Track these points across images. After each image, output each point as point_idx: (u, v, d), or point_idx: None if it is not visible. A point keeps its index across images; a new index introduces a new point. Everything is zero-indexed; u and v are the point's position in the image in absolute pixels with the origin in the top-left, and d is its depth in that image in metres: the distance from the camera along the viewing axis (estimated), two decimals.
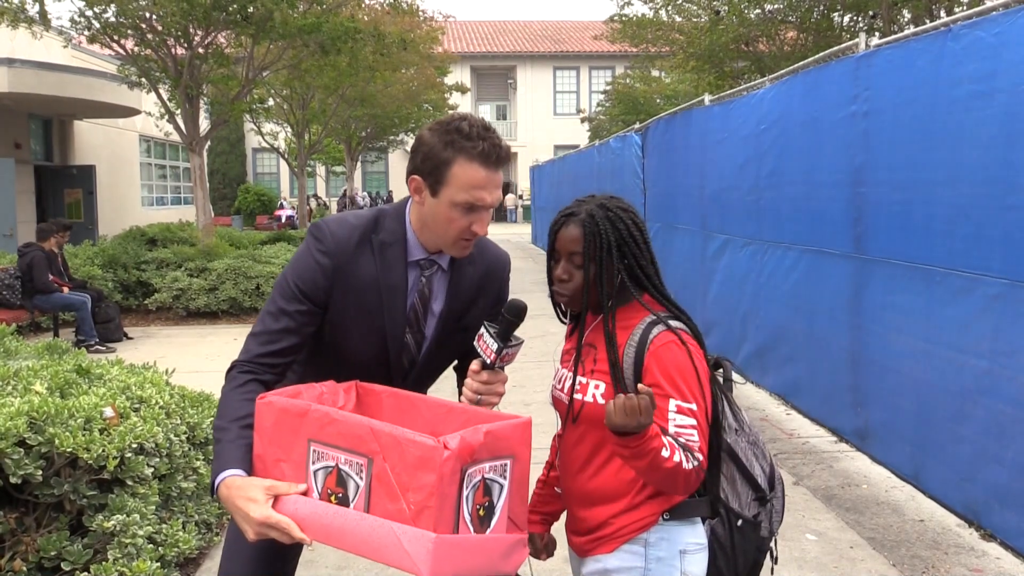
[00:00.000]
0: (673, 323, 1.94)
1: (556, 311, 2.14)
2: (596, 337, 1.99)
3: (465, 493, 1.67)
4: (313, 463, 1.75)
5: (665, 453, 1.74)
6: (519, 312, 1.96)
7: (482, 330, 1.98)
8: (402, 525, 1.61)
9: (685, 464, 1.77)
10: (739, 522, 1.95)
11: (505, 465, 1.78)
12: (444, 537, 1.61)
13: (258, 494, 1.72)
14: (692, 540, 1.92)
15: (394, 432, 1.65)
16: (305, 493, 1.74)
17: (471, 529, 1.70)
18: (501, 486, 1.78)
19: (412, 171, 2.01)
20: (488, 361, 1.96)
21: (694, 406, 1.84)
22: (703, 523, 1.96)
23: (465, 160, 1.93)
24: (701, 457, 1.81)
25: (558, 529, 2.23)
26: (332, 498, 1.71)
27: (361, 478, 1.68)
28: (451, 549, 1.62)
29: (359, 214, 2.12)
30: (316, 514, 1.70)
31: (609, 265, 1.95)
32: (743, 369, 7.46)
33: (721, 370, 2.07)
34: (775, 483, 2.03)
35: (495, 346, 1.95)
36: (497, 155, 1.95)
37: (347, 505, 1.69)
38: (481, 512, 1.73)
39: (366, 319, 2.07)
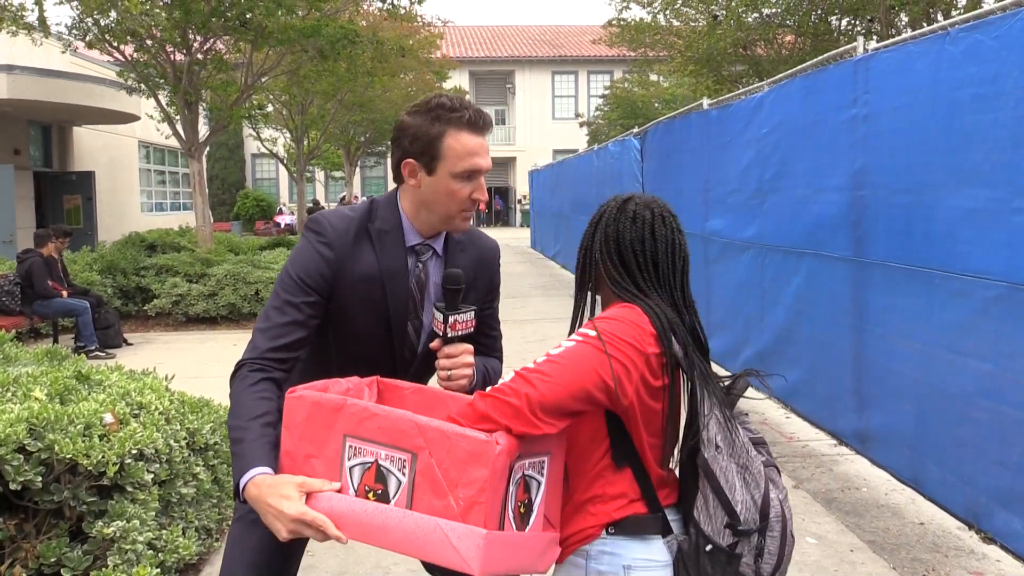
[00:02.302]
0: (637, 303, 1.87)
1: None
2: None
3: (511, 490, 1.66)
4: (349, 459, 1.70)
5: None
6: (456, 279, 2.00)
7: (433, 311, 2.03)
8: (449, 522, 1.59)
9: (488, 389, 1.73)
10: (708, 547, 1.79)
11: (543, 462, 1.77)
12: (494, 533, 1.59)
13: (291, 491, 1.68)
14: (642, 556, 1.81)
15: (442, 427, 1.63)
16: (339, 490, 1.70)
17: (513, 527, 1.69)
18: (539, 483, 1.76)
19: (402, 156, 2.05)
20: (441, 333, 2.00)
21: (591, 331, 1.75)
22: (663, 540, 1.84)
23: (455, 131, 1.99)
24: (531, 364, 1.73)
25: None
26: (370, 495, 1.67)
27: (404, 474, 1.64)
28: (499, 546, 1.61)
29: (353, 206, 2.16)
30: (353, 511, 1.66)
31: (585, 267, 1.98)
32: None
33: (733, 388, 1.94)
34: (767, 517, 1.82)
35: (441, 316, 1.98)
36: (483, 120, 2.02)
37: (387, 502, 1.65)
38: (522, 510, 1.72)
39: (370, 307, 2.08)
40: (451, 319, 1.98)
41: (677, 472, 1.94)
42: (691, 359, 1.84)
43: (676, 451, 1.91)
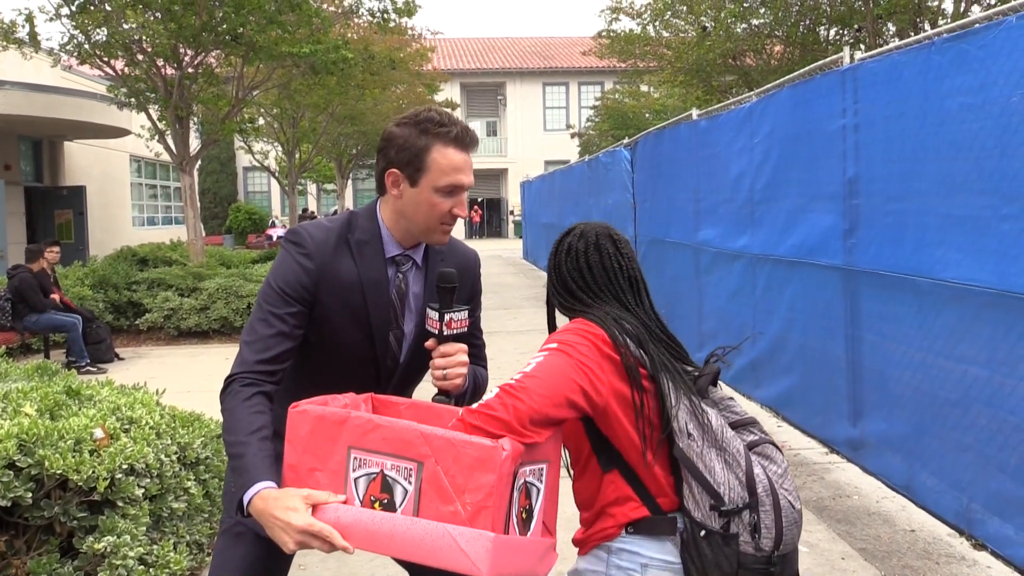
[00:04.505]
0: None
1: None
2: None
3: (514, 496, 1.71)
4: (353, 471, 1.73)
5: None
6: (449, 278, 2.03)
7: (427, 310, 2.06)
8: (457, 526, 1.63)
9: (474, 406, 1.82)
10: (702, 533, 1.87)
11: (542, 469, 1.83)
12: (501, 537, 1.64)
13: (297, 503, 1.70)
14: (658, 556, 1.92)
15: (447, 435, 1.67)
16: (345, 502, 1.73)
17: (517, 531, 1.73)
18: (538, 490, 1.82)
19: (387, 166, 2.07)
20: (436, 332, 2.01)
21: (552, 345, 1.91)
22: (670, 539, 1.93)
23: (441, 145, 2.01)
24: (512, 380, 1.82)
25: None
26: (376, 505, 1.70)
27: (410, 483, 1.68)
28: (506, 549, 1.65)
29: (331, 218, 2.18)
30: (360, 521, 1.68)
31: (551, 280, 2.15)
32: (736, 383, 7.47)
33: (704, 372, 2.04)
34: (755, 493, 1.89)
35: (437, 315, 2.01)
36: (469, 138, 2.05)
37: (393, 511, 1.68)
38: (524, 515, 1.77)
39: (352, 317, 2.09)
40: (447, 317, 2.00)
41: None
42: (650, 354, 1.94)
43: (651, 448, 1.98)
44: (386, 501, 1.70)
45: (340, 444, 1.75)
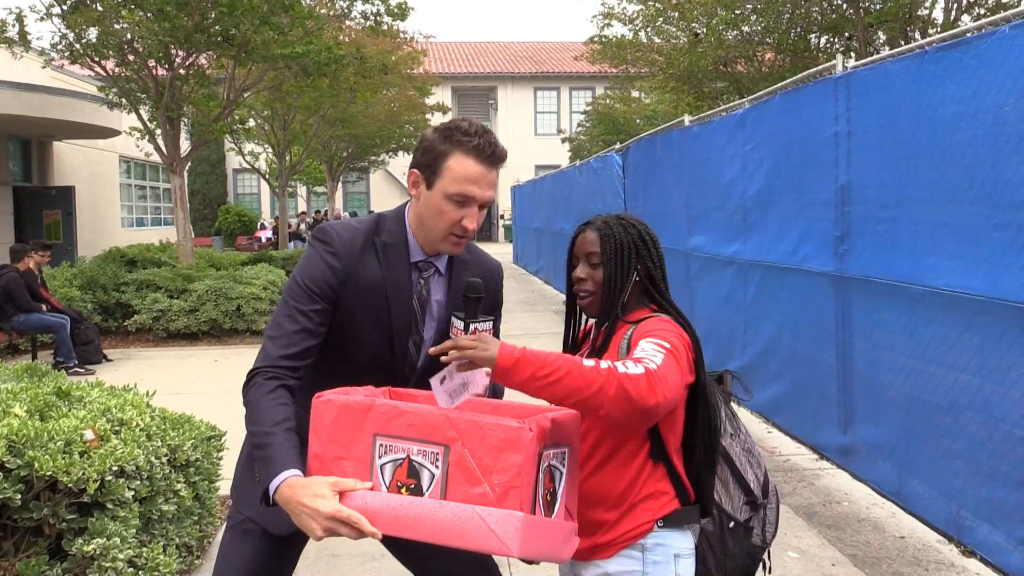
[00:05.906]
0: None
1: (569, 318, 2.27)
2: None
3: (539, 477, 1.73)
4: (379, 457, 1.75)
5: (560, 373, 1.73)
6: (476, 288, 1.99)
7: (451, 319, 2.03)
8: (486, 507, 1.64)
9: (620, 368, 1.75)
10: (731, 524, 2.01)
11: (564, 453, 1.85)
12: (529, 516, 1.66)
13: (325, 490, 1.71)
14: (685, 546, 2.01)
15: (473, 418, 1.69)
16: (371, 489, 1.74)
17: (542, 513, 1.75)
18: (561, 473, 1.84)
19: (412, 166, 2.09)
20: None
21: (667, 344, 1.90)
22: (691, 529, 2.05)
23: (461, 154, 2.01)
24: (653, 366, 1.77)
25: None
26: (403, 490, 1.72)
27: (436, 467, 1.70)
28: (534, 528, 1.67)
29: (360, 219, 2.19)
30: (388, 506, 1.70)
31: (623, 264, 2.08)
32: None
33: (723, 384, 2.18)
34: (768, 491, 2.08)
35: (461, 325, 1.99)
36: (492, 152, 2.03)
37: (421, 495, 1.70)
38: (548, 498, 1.79)
39: (374, 320, 2.10)
40: (472, 327, 1.99)
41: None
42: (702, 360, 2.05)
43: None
44: (413, 486, 1.71)
45: (365, 432, 1.77)
